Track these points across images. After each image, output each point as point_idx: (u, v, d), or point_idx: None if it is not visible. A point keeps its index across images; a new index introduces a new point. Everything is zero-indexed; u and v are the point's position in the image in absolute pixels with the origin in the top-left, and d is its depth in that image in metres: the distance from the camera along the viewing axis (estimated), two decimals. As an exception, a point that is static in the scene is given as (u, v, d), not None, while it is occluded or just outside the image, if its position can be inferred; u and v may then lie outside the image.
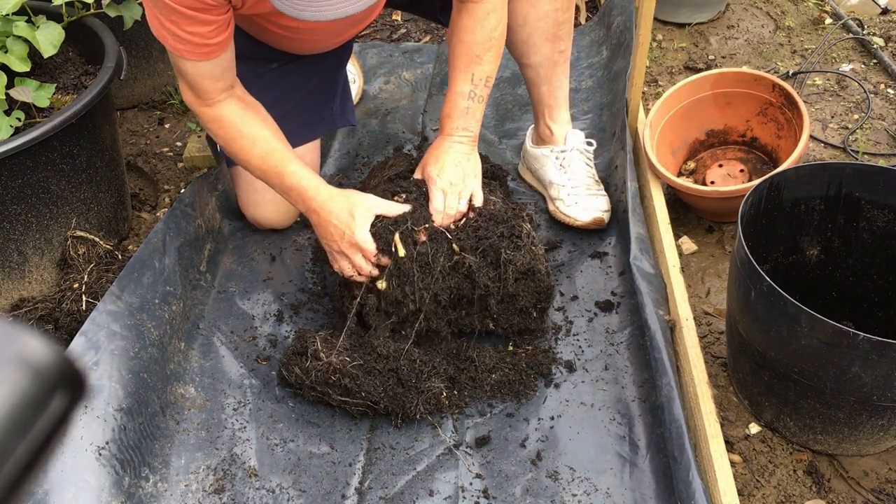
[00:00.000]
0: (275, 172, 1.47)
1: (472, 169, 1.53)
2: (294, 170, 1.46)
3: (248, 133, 1.46)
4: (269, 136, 1.47)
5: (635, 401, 1.40)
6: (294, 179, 1.45)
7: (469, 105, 1.52)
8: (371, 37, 2.70)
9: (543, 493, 1.27)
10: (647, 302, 1.41)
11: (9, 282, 1.64)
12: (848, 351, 1.12)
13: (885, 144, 2.06)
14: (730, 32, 2.56)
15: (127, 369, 1.32)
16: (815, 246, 1.46)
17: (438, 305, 1.42)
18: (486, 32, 1.50)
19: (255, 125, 1.47)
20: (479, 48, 1.51)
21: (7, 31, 1.63)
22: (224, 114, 1.45)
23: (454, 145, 1.53)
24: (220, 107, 1.45)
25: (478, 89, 1.52)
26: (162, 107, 2.36)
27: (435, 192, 1.47)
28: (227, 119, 1.46)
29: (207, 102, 1.44)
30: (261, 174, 1.50)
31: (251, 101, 1.51)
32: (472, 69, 1.51)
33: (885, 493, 1.29)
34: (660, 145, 1.83)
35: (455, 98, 1.53)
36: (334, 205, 1.43)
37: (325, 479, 1.32)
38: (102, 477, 1.19)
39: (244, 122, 1.46)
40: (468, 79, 1.51)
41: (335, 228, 1.42)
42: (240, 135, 1.46)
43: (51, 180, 1.60)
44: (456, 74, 1.53)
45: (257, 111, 1.50)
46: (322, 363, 1.35)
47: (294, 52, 1.70)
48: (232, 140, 1.47)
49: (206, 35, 1.32)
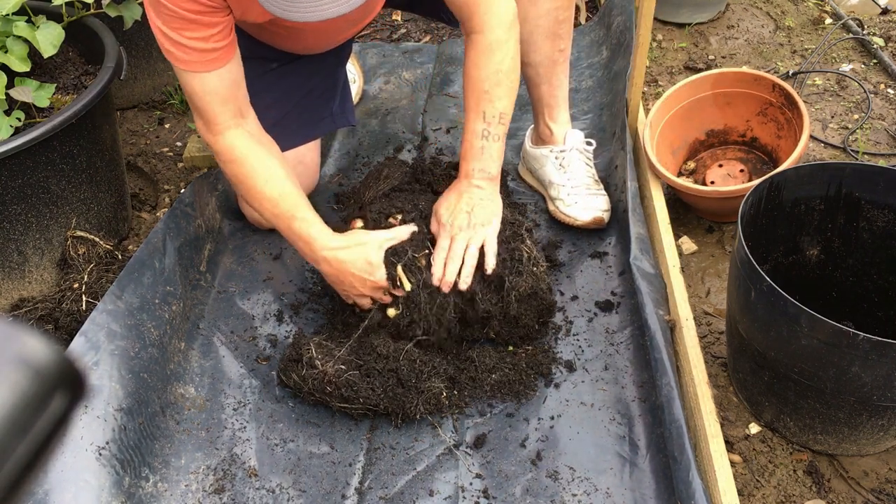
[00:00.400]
0: (284, 217, 1.43)
1: (487, 215, 1.46)
2: (304, 216, 1.42)
3: (260, 170, 1.42)
4: (282, 176, 1.43)
5: (635, 401, 1.40)
6: (304, 227, 1.41)
7: (484, 144, 1.47)
8: (371, 37, 2.70)
9: (543, 492, 1.27)
10: (647, 302, 1.41)
11: (9, 282, 1.64)
12: (848, 351, 1.12)
13: (885, 144, 2.06)
14: (730, 32, 2.56)
15: (127, 369, 1.32)
16: (815, 246, 1.46)
17: (441, 327, 1.44)
18: (492, 66, 1.45)
19: (268, 161, 1.43)
20: (487, 83, 1.45)
21: (7, 31, 1.63)
22: (235, 144, 1.41)
23: (470, 188, 1.48)
24: (231, 136, 1.41)
25: (491, 127, 1.46)
26: (162, 107, 2.36)
27: (441, 241, 1.43)
28: (237, 151, 1.41)
29: (216, 130, 1.41)
30: (270, 217, 1.46)
31: (265, 137, 1.48)
32: (482, 107, 1.46)
33: (885, 493, 1.29)
34: (660, 145, 1.83)
35: (470, 138, 1.48)
36: (348, 255, 1.39)
37: (325, 479, 1.32)
38: (102, 477, 1.19)
39: (257, 157, 1.42)
40: (480, 117, 1.46)
41: (355, 278, 1.39)
42: (252, 171, 1.42)
43: (51, 180, 1.60)
44: (468, 113, 1.48)
45: (270, 147, 1.47)
46: (318, 371, 1.35)
47: (294, 52, 1.70)
48: (242, 175, 1.43)
49: (208, 39, 1.33)
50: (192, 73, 1.36)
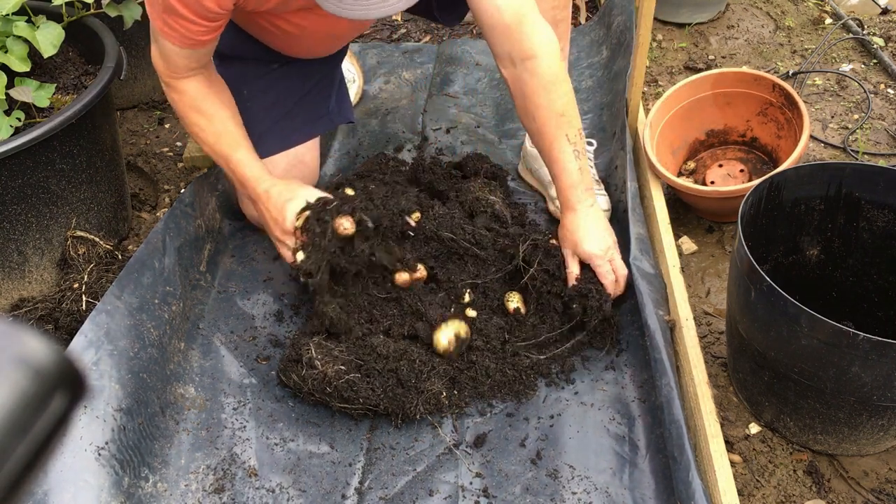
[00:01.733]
0: (223, 155, 1.50)
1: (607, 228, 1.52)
2: (241, 157, 1.49)
3: (205, 110, 1.49)
4: (225, 117, 1.50)
5: (635, 401, 1.40)
6: (239, 167, 1.49)
7: (581, 165, 1.47)
8: (371, 37, 2.70)
9: (543, 491, 1.27)
10: (647, 302, 1.41)
11: (9, 282, 1.64)
12: (848, 351, 1.12)
13: (885, 144, 2.06)
14: (730, 32, 2.56)
15: (127, 369, 1.32)
16: (815, 246, 1.46)
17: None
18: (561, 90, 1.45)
19: (215, 104, 1.49)
20: (559, 106, 1.45)
21: (7, 31, 1.63)
22: (188, 88, 1.48)
23: (589, 210, 1.50)
24: (187, 82, 1.47)
25: (578, 146, 1.47)
26: (162, 107, 2.36)
27: (601, 269, 1.47)
28: (189, 94, 1.48)
29: (176, 76, 1.46)
30: (211, 153, 1.53)
31: (218, 81, 1.53)
32: (563, 131, 1.45)
33: (885, 493, 1.29)
34: (660, 145, 1.83)
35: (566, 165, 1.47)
36: (272, 194, 1.46)
37: (325, 478, 1.32)
38: (102, 477, 1.19)
39: (205, 99, 1.48)
40: (565, 140, 1.46)
41: (270, 219, 1.46)
42: (197, 111, 1.49)
43: (51, 180, 1.60)
44: (551, 140, 1.46)
45: (220, 91, 1.52)
46: (318, 372, 1.35)
47: (294, 56, 1.70)
48: (188, 114, 1.50)
49: (196, 32, 1.35)
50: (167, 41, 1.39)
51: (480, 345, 1.45)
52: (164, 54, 1.43)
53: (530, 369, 1.45)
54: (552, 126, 1.45)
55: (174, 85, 1.48)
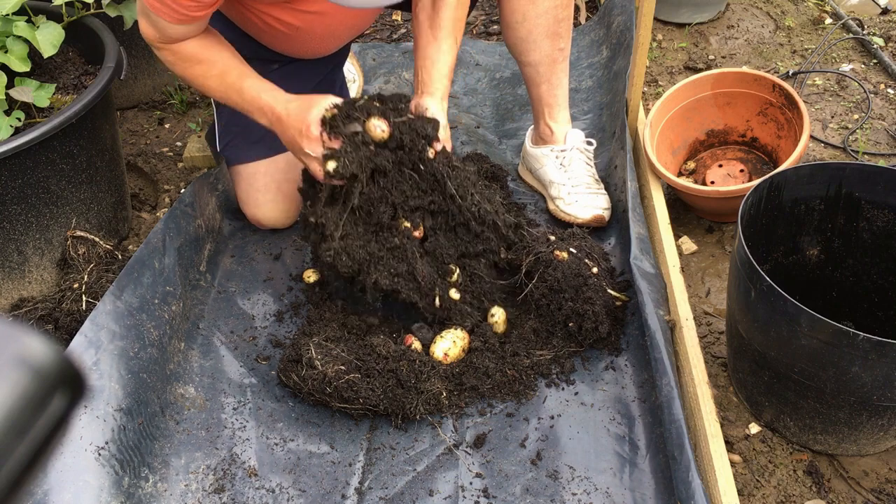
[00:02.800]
0: (234, 90, 1.45)
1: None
2: (250, 85, 1.44)
3: (205, 58, 1.45)
4: (226, 56, 1.46)
5: (635, 401, 1.40)
6: (253, 93, 1.44)
7: (451, 66, 1.53)
8: (371, 37, 2.70)
9: (543, 492, 1.27)
10: (647, 302, 1.41)
11: (9, 282, 1.64)
12: (848, 351, 1.12)
13: (885, 144, 2.06)
14: (730, 32, 2.56)
15: (126, 369, 1.32)
16: (815, 246, 1.46)
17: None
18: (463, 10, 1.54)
19: (213, 50, 1.46)
20: (462, 12, 1.54)
21: (7, 31, 1.63)
22: (183, 49, 1.45)
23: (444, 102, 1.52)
24: (181, 45, 1.44)
25: (455, 52, 1.55)
26: (162, 107, 2.36)
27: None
28: (185, 53, 1.45)
29: (168, 44, 1.44)
30: (221, 94, 1.48)
31: (212, 32, 1.49)
32: (456, 34, 1.53)
33: (885, 493, 1.29)
34: (660, 145, 1.83)
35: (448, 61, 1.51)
36: (291, 110, 1.39)
37: (325, 478, 1.32)
38: (102, 477, 1.19)
39: (202, 51, 1.45)
40: (455, 44, 1.53)
41: (294, 130, 1.38)
42: (197, 62, 1.46)
43: (51, 180, 1.60)
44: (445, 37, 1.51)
45: (214, 38, 1.48)
46: (317, 372, 1.35)
47: (294, 56, 1.70)
48: (189, 68, 1.46)
49: (189, 8, 1.33)
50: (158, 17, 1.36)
51: (479, 345, 1.45)
52: (155, 26, 1.40)
53: (530, 369, 1.45)
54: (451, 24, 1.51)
55: (167, 50, 1.45)
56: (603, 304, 1.45)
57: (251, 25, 1.57)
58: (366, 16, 1.63)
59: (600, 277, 1.47)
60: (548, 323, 1.49)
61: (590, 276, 1.46)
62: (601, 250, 1.56)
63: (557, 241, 1.51)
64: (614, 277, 1.57)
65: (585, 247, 1.51)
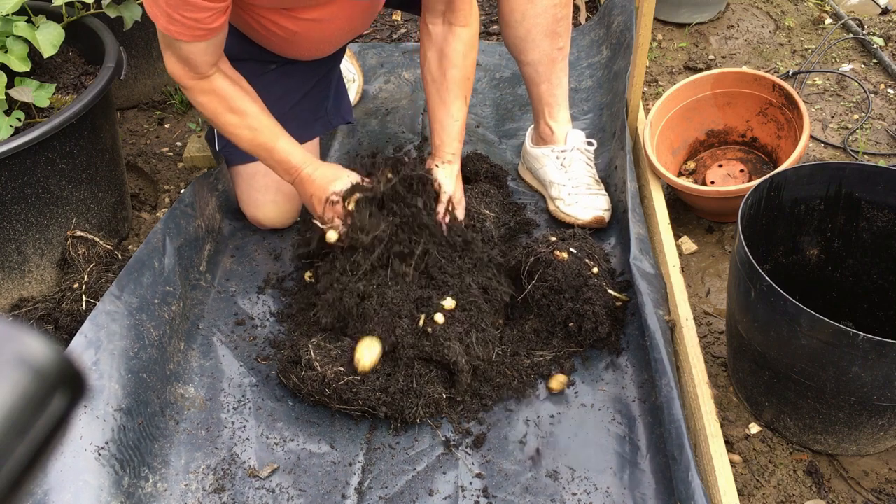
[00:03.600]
0: (265, 148, 1.52)
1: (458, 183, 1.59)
2: (283, 146, 1.52)
3: (238, 108, 1.50)
4: (258, 111, 1.51)
5: (635, 401, 1.40)
6: (284, 155, 1.51)
7: (461, 128, 1.59)
8: (371, 37, 2.70)
9: (543, 492, 1.27)
10: (647, 302, 1.41)
11: (9, 282, 1.64)
12: (848, 351, 1.12)
13: (885, 144, 2.06)
14: (730, 32, 2.56)
15: (126, 369, 1.32)
16: (815, 246, 1.46)
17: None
18: (472, 59, 1.58)
19: (245, 100, 1.51)
20: (470, 73, 1.58)
21: (7, 31, 1.63)
22: (215, 87, 1.48)
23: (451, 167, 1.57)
24: (211, 81, 1.47)
25: (464, 111, 1.60)
26: (162, 107, 2.36)
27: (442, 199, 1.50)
28: (217, 94, 1.48)
29: (198, 77, 1.46)
30: (250, 148, 1.54)
31: (237, 75, 1.53)
32: (465, 93, 1.58)
33: (885, 493, 1.29)
34: (660, 145, 1.83)
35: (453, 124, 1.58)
36: (318, 175, 1.49)
37: (325, 478, 1.32)
38: (102, 477, 1.19)
39: (234, 97, 1.49)
40: (463, 103, 1.58)
41: (315, 196, 1.49)
42: (230, 110, 1.50)
43: (51, 180, 1.60)
44: (451, 99, 1.57)
45: (244, 87, 1.53)
46: (317, 373, 1.35)
47: (291, 57, 1.70)
48: (221, 114, 1.50)
49: (203, 21, 1.33)
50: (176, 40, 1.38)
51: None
52: (180, 57, 1.41)
53: (530, 369, 1.45)
54: (458, 86, 1.57)
55: (199, 87, 1.47)
56: (603, 305, 1.45)
57: (250, 29, 1.57)
58: (363, 19, 1.63)
59: (600, 278, 1.47)
60: (548, 323, 1.49)
61: (590, 276, 1.46)
62: (601, 251, 1.56)
63: (558, 242, 1.51)
64: (614, 278, 1.57)
65: (586, 247, 1.51)
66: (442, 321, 1.38)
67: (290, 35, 1.54)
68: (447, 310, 1.40)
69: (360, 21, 1.63)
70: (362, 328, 1.39)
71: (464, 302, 1.43)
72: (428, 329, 1.37)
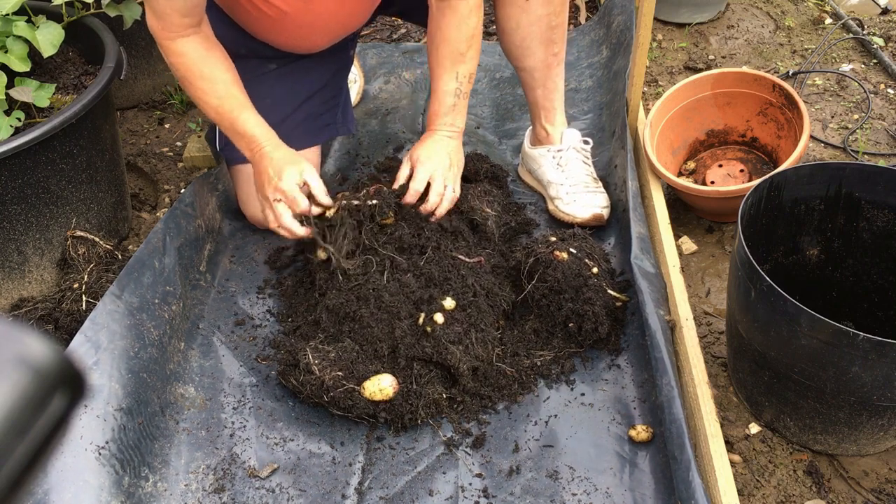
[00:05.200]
0: (229, 117, 1.51)
1: (459, 161, 1.59)
2: (246, 118, 1.51)
3: (208, 74, 1.49)
4: (228, 80, 1.51)
5: (635, 401, 1.40)
6: (246, 126, 1.50)
7: (455, 102, 1.58)
8: (371, 37, 2.70)
9: (543, 492, 1.27)
10: (647, 301, 1.41)
11: (9, 282, 1.64)
12: (848, 351, 1.12)
13: (885, 144, 2.06)
14: (730, 32, 2.56)
15: (127, 369, 1.32)
16: (815, 246, 1.46)
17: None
18: (469, 30, 1.55)
19: (217, 67, 1.50)
20: (463, 45, 1.56)
21: (7, 31, 1.63)
22: (188, 50, 1.47)
23: (443, 139, 1.57)
24: (185, 42, 1.47)
25: (462, 86, 1.58)
26: (162, 107, 2.36)
27: (420, 171, 1.51)
28: (189, 56, 1.48)
29: (172, 35, 1.46)
30: (215, 116, 1.53)
31: (215, 42, 1.53)
32: (457, 67, 1.56)
33: (885, 493, 1.29)
34: (660, 145, 1.83)
35: (443, 96, 1.57)
36: (277, 155, 1.48)
37: (325, 478, 1.32)
38: (102, 477, 1.19)
39: (206, 62, 1.49)
40: (454, 77, 1.57)
41: (267, 175, 1.47)
42: (200, 75, 1.49)
43: (51, 180, 1.60)
44: (442, 72, 1.57)
45: (220, 54, 1.52)
46: (315, 377, 1.35)
47: (285, 49, 1.69)
48: (191, 78, 1.50)
49: None
50: None
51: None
52: (156, 12, 1.42)
53: (530, 369, 1.45)
54: (450, 60, 1.56)
55: (172, 47, 1.47)
56: (603, 305, 1.45)
57: (240, 10, 1.56)
58: (356, 11, 1.62)
59: (600, 278, 1.47)
60: (548, 323, 1.49)
61: (590, 276, 1.46)
62: (601, 250, 1.56)
63: (557, 242, 1.51)
64: (614, 278, 1.57)
65: (585, 247, 1.51)
66: (442, 321, 1.38)
67: (281, 15, 1.52)
68: (447, 310, 1.40)
69: (353, 9, 1.61)
70: (361, 331, 1.39)
71: (464, 302, 1.43)
72: (427, 329, 1.37)
